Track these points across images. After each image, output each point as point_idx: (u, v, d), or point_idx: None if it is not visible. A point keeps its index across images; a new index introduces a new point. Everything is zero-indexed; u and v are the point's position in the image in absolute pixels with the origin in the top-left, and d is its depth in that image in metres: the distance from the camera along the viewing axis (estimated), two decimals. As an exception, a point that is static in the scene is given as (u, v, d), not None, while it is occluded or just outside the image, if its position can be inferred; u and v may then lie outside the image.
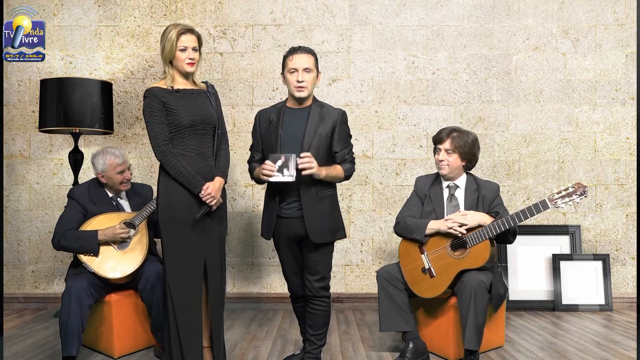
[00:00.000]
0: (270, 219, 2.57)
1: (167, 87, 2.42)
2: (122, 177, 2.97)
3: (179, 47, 2.38)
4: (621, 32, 4.09)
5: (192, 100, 2.43)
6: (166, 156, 2.35)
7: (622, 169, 4.09)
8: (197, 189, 2.35)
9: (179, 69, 2.43)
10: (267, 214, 2.60)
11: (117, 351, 2.84)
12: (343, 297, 4.05)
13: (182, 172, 2.34)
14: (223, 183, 2.46)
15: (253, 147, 2.66)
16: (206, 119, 2.43)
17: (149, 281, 2.76)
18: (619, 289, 4.07)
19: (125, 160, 2.99)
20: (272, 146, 2.51)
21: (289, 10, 4.10)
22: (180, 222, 2.36)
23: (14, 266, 4.09)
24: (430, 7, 4.10)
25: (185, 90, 2.44)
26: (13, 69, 4.08)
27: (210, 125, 2.46)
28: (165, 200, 2.38)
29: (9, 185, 4.08)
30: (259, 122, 2.62)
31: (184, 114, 2.38)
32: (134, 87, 4.10)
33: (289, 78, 2.49)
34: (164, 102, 2.36)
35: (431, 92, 4.10)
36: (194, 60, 2.43)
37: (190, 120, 2.38)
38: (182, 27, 2.41)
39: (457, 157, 2.81)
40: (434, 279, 2.73)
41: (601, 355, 2.86)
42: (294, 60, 2.48)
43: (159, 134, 2.35)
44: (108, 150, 2.99)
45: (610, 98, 4.08)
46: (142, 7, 4.10)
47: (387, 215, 4.06)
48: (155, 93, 2.37)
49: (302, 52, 2.50)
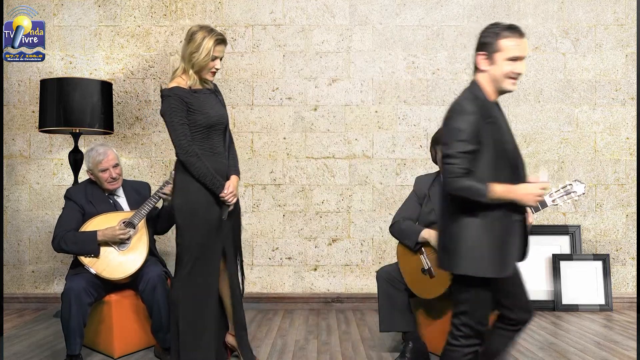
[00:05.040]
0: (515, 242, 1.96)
1: (186, 87, 2.43)
2: (106, 176, 2.90)
3: (213, 56, 2.41)
4: (621, 32, 4.08)
5: (208, 101, 2.48)
6: (190, 157, 2.38)
7: (622, 169, 4.09)
8: (219, 189, 2.43)
9: (201, 75, 2.45)
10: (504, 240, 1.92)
11: (117, 351, 2.84)
12: (343, 297, 4.05)
13: (205, 173, 2.39)
14: (238, 180, 2.57)
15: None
16: (222, 119, 2.51)
17: (149, 282, 2.75)
18: (619, 289, 4.07)
19: (109, 158, 2.89)
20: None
21: (289, 10, 4.10)
22: (200, 219, 2.42)
23: (14, 266, 4.09)
24: (430, 7, 4.10)
25: (200, 91, 2.48)
26: (13, 69, 4.08)
27: (224, 125, 2.53)
28: (185, 200, 2.43)
29: (9, 185, 4.08)
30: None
31: (203, 114, 2.43)
32: (134, 87, 4.10)
33: (504, 65, 1.89)
34: (187, 103, 2.39)
35: (431, 92, 4.10)
36: (217, 70, 2.48)
37: (209, 120, 2.44)
38: (217, 36, 2.41)
39: None
40: (434, 279, 2.73)
41: (601, 355, 2.86)
42: (520, 45, 1.90)
43: (182, 134, 2.38)
44: (94, 147, 2.94)
45: (610, 98, 4.08)
46: (142, 7, 4.10)
47: (387, 215, 4.06)
48: (178, 93, 2.39)
49: (523, 36, 1.93)
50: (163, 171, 4.08)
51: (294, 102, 4.09)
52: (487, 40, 1.92)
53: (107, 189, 2.97)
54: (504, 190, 1.82)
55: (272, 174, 4.07)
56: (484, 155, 1.84)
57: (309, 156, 4.09)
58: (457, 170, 1.81)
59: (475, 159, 1.83)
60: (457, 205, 1.88)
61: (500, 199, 1.82)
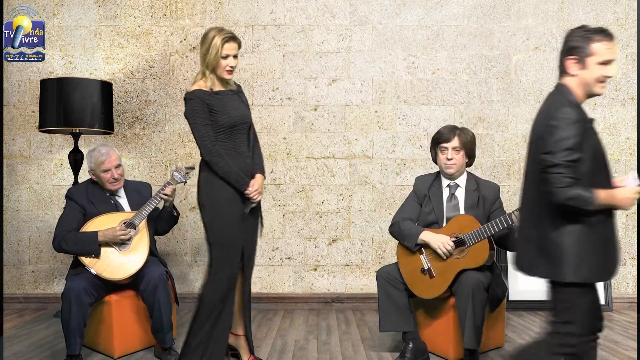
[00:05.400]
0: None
1: (207, 89, 2.49)
2: (108, 176, 2.91)
3: (222, 54, 2.46)
4: (621, 32, 4.08)
5: (230, 102, 2.53)
6: (214, 157, 2.45)
7: (622, 169, 4.09)
8: (243, 187, 2.50)
9: (218, 75, 2.51)
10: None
11: (117, 351, 2.84)
12: (343, 297, 4.05)
13: (229, 171, 2.46)
14: (263, 179, 2.64)
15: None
16: (244, 119, 2.57)
17: (151, 282, 2.75)
18: (619, 289, 4.07)
19: (111, 159, 2.90)
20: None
21: (289, 10, 4.10)
22: (226, 217, 2.49)
23: (14, 266, 4.09)
24: (430, 7, 4.10)
25: (222, 92, 2.54)
26: (13, 69, 4.08)
27: (247, 125, 2.60)
28: (211, 198, 2.50)
29: (9, 185, 4.08)
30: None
31: (225, 115, 2.48)
32: (134, 87, 4.10)
33: (596, 69, 1.87)
34: (208, 104, 2.45)
35: (431, 92, 4.10)
36: (233, 69, 2.51)
37: (231, 120, 2.50)
38: (226, 35, 2.47)
39: (463, 154, 2.81)
40: (434, 280, 2.73)
41: (601, 355, 2.86)
42: (612, 48, 1.89)
43: (206, 135, 2.45)
44: (97, 148, 2.94)
45: (610, 98, 4.08)
46: (142, 7, 4.10)
47: (387, 215, 4.06)
48: (199, 95, 2.46)
49: (613, 39, 1.91)
50: (163, 171, 4.09)
51: (294, 102, 4.09)
52: (577, 44, 1.89)
53: (109, 190, 2.97)
54: (606, 196, 1.81)
55: (272, 174, 4.07)
56: (584, 161, 1.83)
57: (309, 156, 4.10)
58: (565, 180, 1.78)
59: (577, 166, 1.81)
60: (556, 212, 1.84)
61: (603, 205, 1.81)
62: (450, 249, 2.67)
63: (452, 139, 2.79)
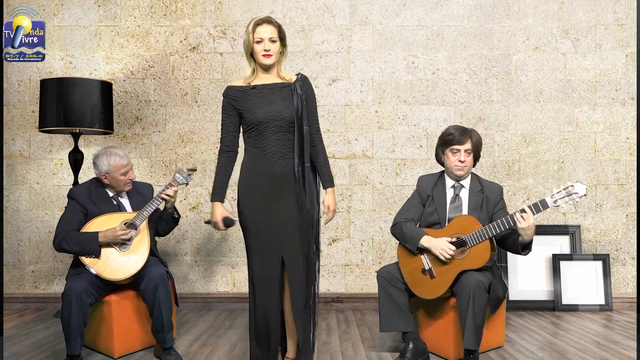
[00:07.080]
0: None
1: (245, 84, 2.42)
2: (126, 178, 2.96)
3: (255, 39, 2.36)
4: (621, 32, 4.09)
5: (269, 96, 2.38)
6: (218, 154, 2.45)
7: (622, 169, 4.09)
8: (212, 198, 2.40)
9: (258, 61, 2.39)
10: None
11: (117, 351, 2.84)
12: (343, 297, 4.05)
13: (216, 173, 2.44)
14: (333, 192, 2.54)
15: None
16: (279, 115, 2.34)
17: (151, 282, 2.75)
18: (619, 289, 4.08)
19: (129, 161, 2.98)
20: None
21: (289, 10, 4.10)
22: (247, 221, 2.40)
23: (14, 266, 4.09)
24: (430, 7, 4.10)
25: (263, 86, 2.40)
26: (13, 69, 4.08)
27: (286, 121, 2.35)
28: (238, 200, 2.44)
29: (9, 185, 4.08)
30: None
31: (253, 111, 2.35)
32: (134, 87, 4.10)
33: None
34: (232, 101, 2.40)
35: (431, 92, 4.10)
36: (270, 52, 2.35)
37: (261, 117, 2.34)
38: (258, 18, 2.40)
39: (472, 156, 2.81)
40: (435, 280, 2.73)
41: (601, 355, 2.86)
42: None
43: (225, 132, 2.44)
44: (112, 151, 2.96)
45: (610, 98, 4.08)
46: (142, 7, 4.10)
47: (387, 215, 4.06)
48: (228, 92, 2.44)
49: None
50: (163, 171, 4.08)
51: (294, 102, 4.09)
52: None
53: (121, 190, 3.00)
54: None
55: (272, 174, 4.07)
56: None
57: (309, 156, 4.09)
58: None
59: None
60: None
61: None
62: (452, 254, 2.66)
63: (466, 141, 2.77)
